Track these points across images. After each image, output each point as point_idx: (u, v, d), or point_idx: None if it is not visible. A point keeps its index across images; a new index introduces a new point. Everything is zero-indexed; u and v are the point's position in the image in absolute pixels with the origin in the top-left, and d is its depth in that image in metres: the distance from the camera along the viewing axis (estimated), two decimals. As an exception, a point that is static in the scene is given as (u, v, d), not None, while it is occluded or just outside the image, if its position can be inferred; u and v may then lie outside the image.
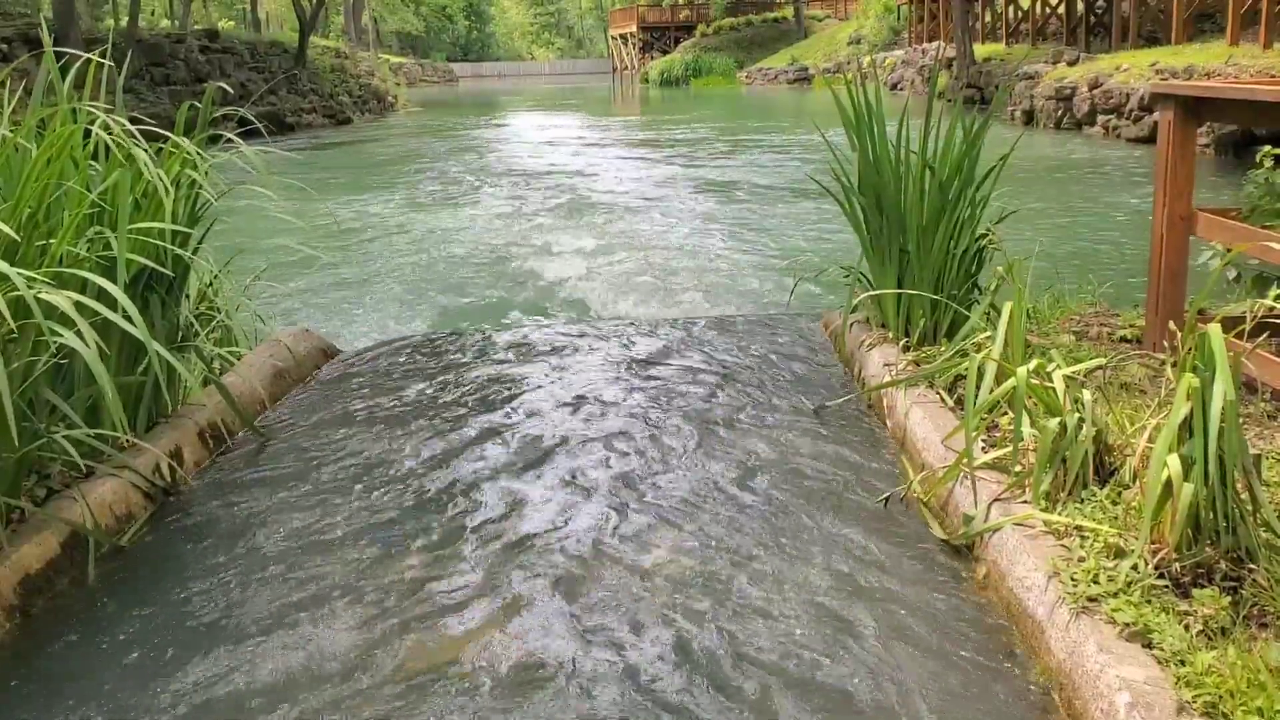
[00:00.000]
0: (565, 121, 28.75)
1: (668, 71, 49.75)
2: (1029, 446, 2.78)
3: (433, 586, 2.59)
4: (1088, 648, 2.02)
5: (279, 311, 6.17)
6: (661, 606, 2.45)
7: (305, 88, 28.56)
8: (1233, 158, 13.47)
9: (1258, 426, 3.07)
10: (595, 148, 20.20)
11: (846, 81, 4.12)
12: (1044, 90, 19.70)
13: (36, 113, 3.19)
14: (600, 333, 5.02)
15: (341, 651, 2.32)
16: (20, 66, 3.84)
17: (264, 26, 41.97)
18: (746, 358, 4.46)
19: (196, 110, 3.78)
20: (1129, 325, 4.11)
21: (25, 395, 2.76)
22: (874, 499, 3.01)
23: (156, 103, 20.85)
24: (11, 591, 2.51)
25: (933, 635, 2.31)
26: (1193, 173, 3.64)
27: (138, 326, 2.76)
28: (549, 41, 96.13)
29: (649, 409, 3.83)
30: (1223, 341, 2.20)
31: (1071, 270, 6.15)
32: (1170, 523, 2.20)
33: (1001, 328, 3.04)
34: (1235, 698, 1.82)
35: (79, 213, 3.05)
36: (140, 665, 2.31)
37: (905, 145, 4.02)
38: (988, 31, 28.63)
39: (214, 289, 4.09)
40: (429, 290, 7.82)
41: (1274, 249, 3.09)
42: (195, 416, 3.55)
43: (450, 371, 4.42)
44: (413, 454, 3.46)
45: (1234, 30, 16.31)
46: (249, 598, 2.57)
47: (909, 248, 4.03)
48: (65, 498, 2.85)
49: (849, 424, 3.64)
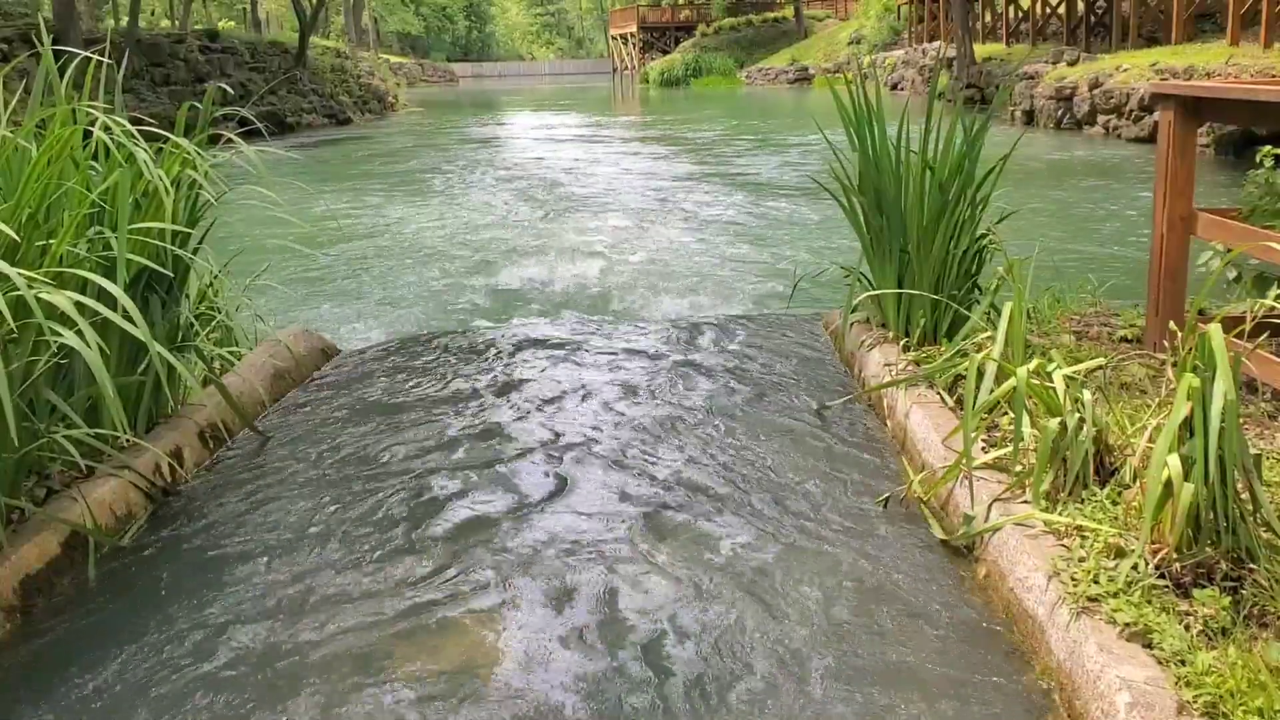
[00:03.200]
0: (566, 121, 28.75)
1: (668, 71, 49.71)
2: (1029, 446, 2.78)
3: (434, 587, 2.59)
4: (1088, 648, 2.02)
5: (279, 311, 6.16)
6: (658, 608, 2.45)
7: (305, 88, 28.56)
8: (1233, 158, 13.46)
9: (1258, 426, 3.07)
10: (596, 147, 20.19)
11: (847, 81, 4.13)
12: (1044, 90, 19.70)
13: (37, 113, 3.19)
14: (601, 332, 5.02)
15: (342, 651, 2.32)
16: (20, 66, 3.84)
17: (264, 26, 41.97)
18: (746, 357, 4.46)
19: (197, 110, 3.78)
20: (1129, 325, 4.11)
21: (25, 395, 2.76)
22: (874, 499, 3.01)
23: (156, 103, 20.85)
24: (11, 591, 2.51)
25: (932, 635, 2.31)
26: (1193, 173, 3.64)
27: (138, 326, 2.76)
28: (549, 42, 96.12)
29: (649, 408, 3.83)
30: (1223, 341, 2.20)
31: (1071, 270, 6.14)
32: (1170, 523, 2.20)
33: (1002, 328, 3.04)
34: (1235, 698, 1.82)
35: (79, 213, 3.05)
36: (140, 665, 2.31)
37: (905, 145, 4.02)
38: (988, 31, 28.62)
39: (214, 289, 4.09)
40: (430, 289, 7.82)
41: (1274, 249, 3.09)
42: (195, 416, 3.55)
43: (451, 371, 4.42)
44: (413, 453, 3.46)
45: (1234, 30, 16.31)
46: (249, 598, 2.57)
47: (909, 248, 4.03)
48: (65, 498, 2.85)
49: (849, 424, 3.64)
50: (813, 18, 50.47)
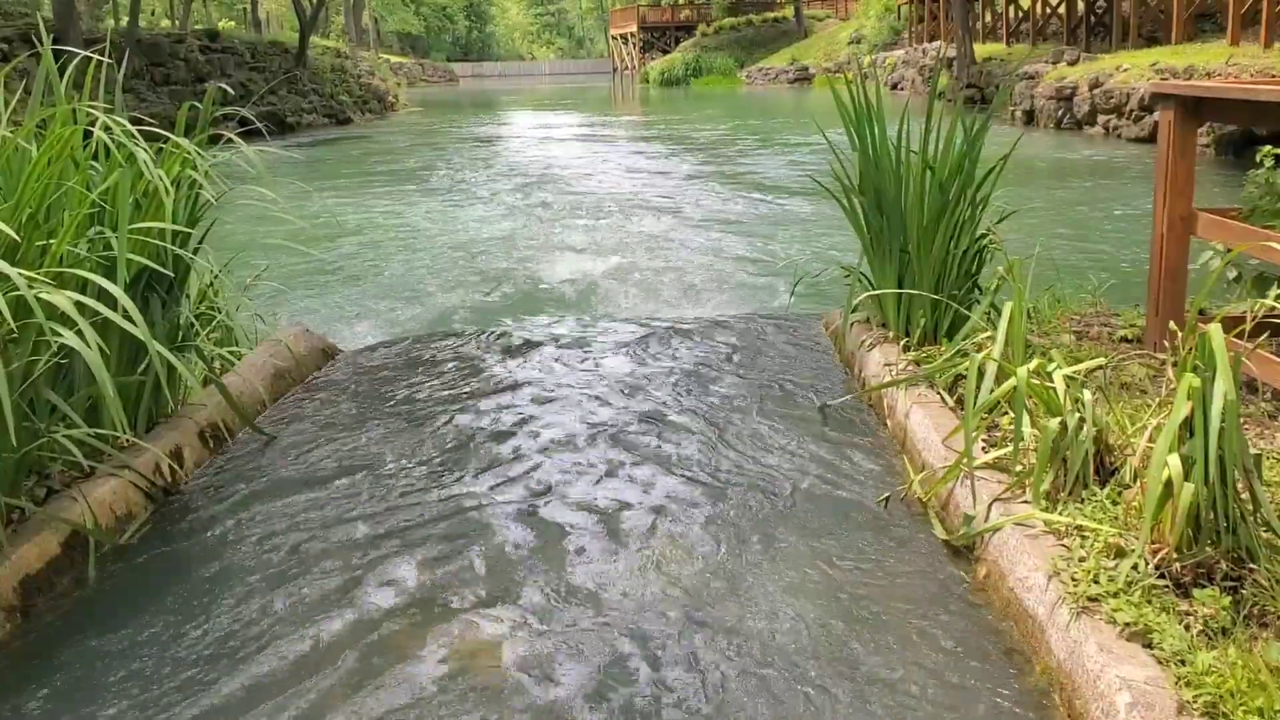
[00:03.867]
0: (566, 121, 28.74)
1: (668, 71, 49.71)
2: (1029, 446, 2.78)
3: (436, 587, 2.59)
4: (1088, 648, 2.02)
5: (279, 311, 6.16)
6: (662, 611, 2.45)
7: (305, 88, 28.55)
8: (1233, 158, 13.46)
9: (1258, 426, 3.07)
10: (597, 146, 20.19)
11: (847, 81, 4.13)
12: (1044, 90, 19.69)
13: (37, 113, 3.19)
14: (601, 331, 5.02)
15: (342, 651, 2.32)
16: (20, 66, 3.84)
17: (264, 26, 41.94)
18: (747, 357, 4.46)
19: (197, 110, 3.78)
20: (1129, 325, 4.11)
21: (26, 395, 2.76)
22: (874, 499, 3.01)
23: (156, 102, 20.84)
24: (12, 591, 2.51)
25: (932, 634, 2.31)
26: (1193, 173, 3.64)
27: (138, 326, 2.76)
28: (549, 41, 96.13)
29: (649, 407, 3.83)
30: (1223, 341, 2.20)
31: (1072, 270, 6.14)
32: (1171, 522, 2.20)
33: (1002, 327, 3.04)
34: (1235, 698, 1.82)
35: (79, 213, 3.05)
36: (141, 666, 2.31)
37: (906, 145, 4.02)
38: (988, 31, 28.61)
39: (214, 289, 4.09)
40: (431, 289, 7.82)
41: (1274, 249, 3.09)
42: (196, 416, 3.55)
43: (452, 371, 4.42)
44: (413, 453, 3.46)
45: (1234, 30, 16.30)
46: (249, 597, 2.57)
47: (909, 248, 4.03)
48: (65, 497, 2.86)
49: (849, 424, 3.64)
50: (813, 17, 50.47)
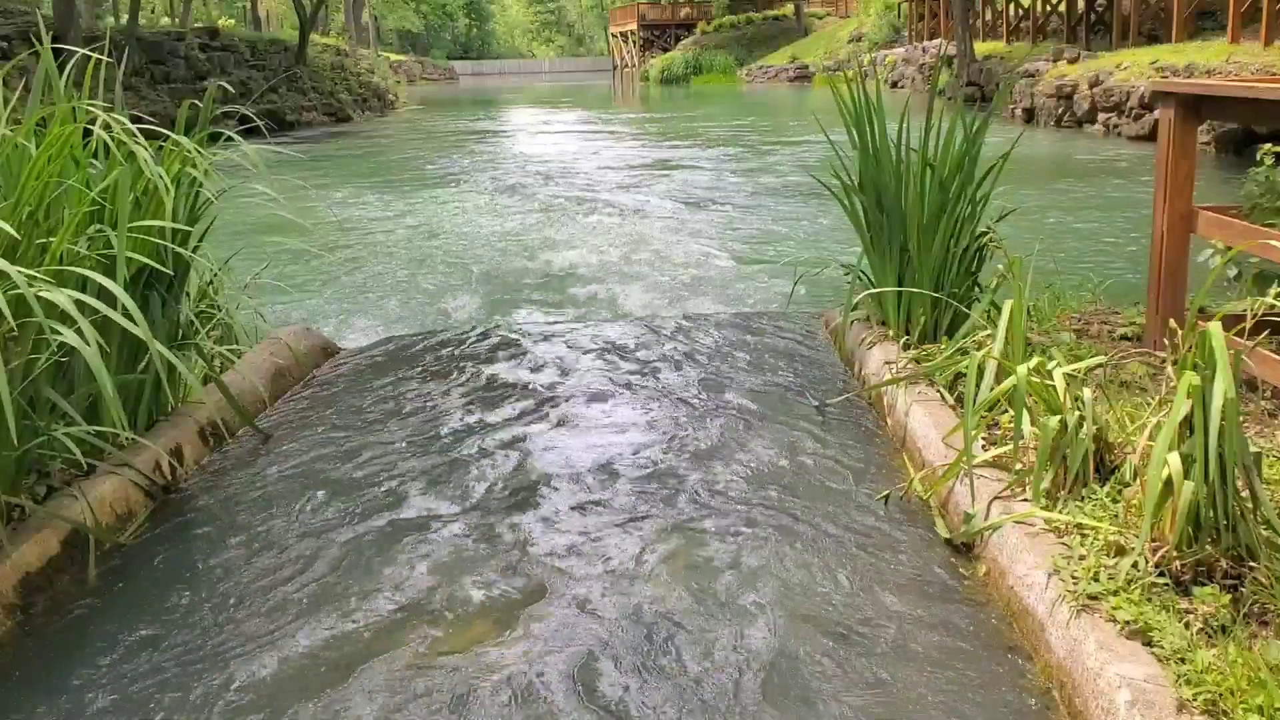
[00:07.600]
0: (566, 118, 28.73)
1: (668, 69, 49.70)
2: (1029, 444, 2.78)
3: (437, 587, 2.59)
4: (1088, 645, 2.02)
5: (279, 309, 6.16)
6: (656, 600, 2.46)
7: (305, 86, 28.54)
8: (1233, 156, 13.45)
9: (1258, 424, 3.07)
10: (597, 143, 20.18)
11: (847, 80, 4.12)
12: (1044, 88, 19.67)
13: (37, 111, 3.19)
14: (600, 329, 5.02)
15: (342, 651, 2.32)
16: (20, 64, 3.84)
17: (264, 24, 41.93)
18: (747, 355, 4.46)
19: (197, 108, 3.78)
20: (1129, 323, 4.11)
21: (26, 393, 2.76)
22: (874, 497, 3.01)
23: (156, 101, 20.85)
24: (12, 590, 2.52)
25: (932, 633, 2.32)
26: (1193, 171, 3.64)
27: (138, 324, 2.76)
28: (549, 39, 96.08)
29: (649, 406, 3.83)
30: (1223, 339, 2.20)
31: (1072, 268, 6.14)
32: (1171, 521, 2.20)
33: (1002, 325, 3.04)
34: (1235, 695, 1.82)
35: (79, 211, 3.05)
36: (141, 664, 2.31)
37: (906, 143, 4.02)
38: (988, 29, 28.59)
39: (214, 287, 4.09)
40: (431, 288, 7.81)
41: (1274, 247, 3.09)
42: (195, 414, 3.55)
43: (452, 368, 4.42)
44: (413, 452, 3.46)
45: (1235, 28, 16.28)
46: (249, 596, 2.57)
47: (909, 246, 4.03)
48: (66, 495, 2.86)
49: (849, 422, 3.64)
50: (813, 15, 50.42)
